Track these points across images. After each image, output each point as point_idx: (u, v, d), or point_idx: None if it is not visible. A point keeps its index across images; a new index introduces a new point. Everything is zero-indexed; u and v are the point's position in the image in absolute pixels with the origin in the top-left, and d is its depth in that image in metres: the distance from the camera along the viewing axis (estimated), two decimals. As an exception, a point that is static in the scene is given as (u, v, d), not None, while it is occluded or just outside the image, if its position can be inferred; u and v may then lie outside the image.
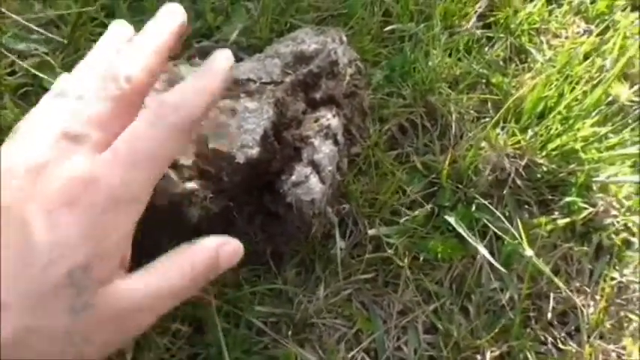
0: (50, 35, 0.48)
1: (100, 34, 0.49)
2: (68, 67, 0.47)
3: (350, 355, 0.43)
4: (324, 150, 0.41)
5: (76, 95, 0.28)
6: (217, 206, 0.38)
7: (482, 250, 0.46)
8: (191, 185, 0.37)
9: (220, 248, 0.31)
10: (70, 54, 0.48)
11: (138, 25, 0.50)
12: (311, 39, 0.46)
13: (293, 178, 0.39)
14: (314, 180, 0.40)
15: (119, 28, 0.33)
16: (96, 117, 0.27)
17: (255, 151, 0.38)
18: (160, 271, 0.28)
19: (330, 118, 0.42)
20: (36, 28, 0.47)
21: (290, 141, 0.41)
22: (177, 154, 0.31)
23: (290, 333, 0.43)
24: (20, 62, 0.46)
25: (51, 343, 0.24)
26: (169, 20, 0.31)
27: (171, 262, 0.29)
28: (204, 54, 0.46)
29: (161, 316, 0.29)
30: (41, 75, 0.46)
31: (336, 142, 0.42)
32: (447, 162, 0.48)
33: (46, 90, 0.46)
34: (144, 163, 0.27)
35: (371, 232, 0.46)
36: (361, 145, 0.47)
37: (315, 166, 0.40)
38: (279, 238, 0.41)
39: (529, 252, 0.45)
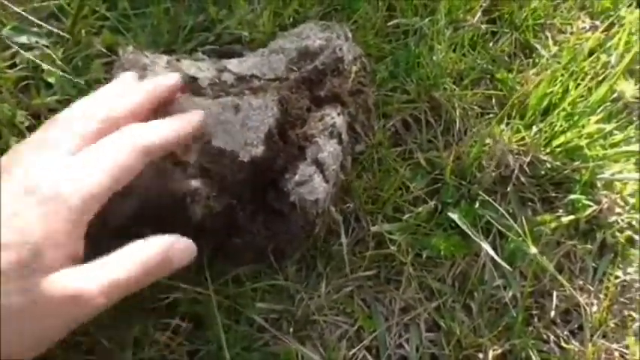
0: (51, 28, 0.47)
1: (101, 27, 0.50)
2: (69, 60, 0.47)
3: (351, 353, 0.43)
4: (329, 149, 0.40)
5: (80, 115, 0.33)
6: (220, 204, 0.38)
7: (486, 247, 0.45)
8: (195, 183, 0.36)
9: (172, 246, 0.32)
10: (71, 47, 0.48)
11: (140, 18, 0.51)
12: (316, 35, 0.46)
13: (297, 177, 0.39)
14: (318, 179, 0.39)
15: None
16: (82, 131, 0.32)
17: (259, 150, 0.38)
18: (113, 264, 0.30)
19: (334, 117, 0.42)
20: (37, 21, 0.47)
21: (294, 140, 0.40)
22: (135, 173, 0.32)
23: (291, 330, 0.43)
24: (23, 53, 0.45)
25: (5, 322, 0.26)
26: (163, 81, 0.37)
27: (123, 257, 0.31)
28: (214, 52, 0.46)
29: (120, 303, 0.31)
30: (43, 67, 0.45)
31: (340, 141, 0.41)
32: (451, 158, 0.48)
33: (46, 83, 0.46)
34: (106, 169, 0.30)
35: (373, 228, 0.46)
36: (365, 143, 0.47)
37: (319, 165, 0.40)
38: (282, 237, 0.41)
39: (533, 249, 0.44)
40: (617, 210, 0.51)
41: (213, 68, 0.43)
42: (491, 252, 0.45)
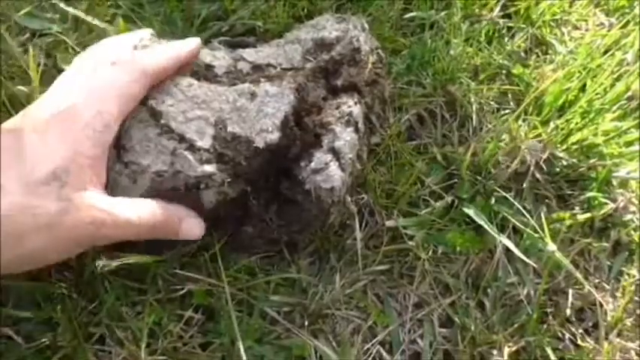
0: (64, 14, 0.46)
1: (115, 15, 0.49)
2: (82, 47, 0.46)
3: (365, 348, 0.43)
4: (345, 137, 0.40)
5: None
6: (235, 191, 0.37)
7: (506, 241, 0.45)
8: (209, 168, 0.36)
9: (185, 218, 0.36)
10: (84, 34, 0.47)
11: (154, 7, 0.50)
12: (332, 26, 0.45)
13: (312, 164, 0.38)
14: (334, 167, 0.39)
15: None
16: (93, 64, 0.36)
17: (275, 136, 0.37)
18: (130, 205, 0.34)
19: (351, 105, 0.41)
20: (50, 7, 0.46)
21: (310, 127, 0.40)
22: (141, 95, 0.36)
23: (305, 323, 0.43)
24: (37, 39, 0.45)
25: (38, 220, 0.30)
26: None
27: (141, 204, 0.35)
28: (227, 43, 0.46)
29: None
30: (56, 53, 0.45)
31: (357, 130, 0.41)
32: (468, 154, 0.47)
33: (59, 69, 0.46)
34: (114, 98, 0.34)
35: (388, 223, 0.46)
36: (381, 135, 0.46)
37: (336, 154, 0.39)
38: (295, 226, 0.41)
39: (552, 246, 0.44)
40: (632, 209, 0.51)
41: (229, 57, 0.42)
42: (512, 246, 0.45)
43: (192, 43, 0.40)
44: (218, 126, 0.37)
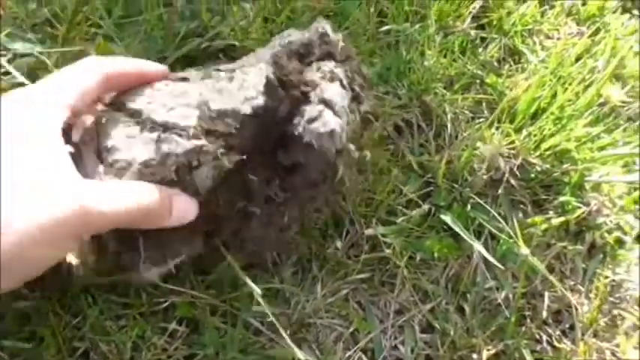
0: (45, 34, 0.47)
1: (95, 34, 0.50)
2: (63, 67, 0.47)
3: (347, 355, 0.44)
4: (333, 90, 0.38)
5: None
6: (230, 161, 0.36)
7: (479, 248, 0.46)
8: (198, 142, 0.35)
9: (176, 200, 0.35)
10: (65, 54, 0.48)
11: (134, 25, 0.51)
12: (297, 33, 0.46)
13: (306, 117, 0.37)
14: (329, 114, 0.37)
15: None
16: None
17: (260, 100, 0.37)
18: (119, 189, 0.33)
19: (332, 67, 0.40)
20: (32, 28, 0.47)
21: (296, 83, 0.39)
22: (98, 92, 0.36)
23: (287, 333, 0.43)
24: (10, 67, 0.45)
25: (30, 230, 0.28)
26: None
27: (129, 185, 0.33)
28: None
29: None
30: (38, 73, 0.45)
31: (342, 86, 0.40)
32: (443, 162, 0.48)
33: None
34: (68, 91, 0.34)
35: (368, 231, 0.47)
36: (369, 102, 0.45)
37: (327, 103, 0.38)
38: (305, 192, 0.39)
39: (525, 250, 0.45)
40: (606, 212, 0.52)
41: (202, 71, 0.43)
42: (485, 253, 0.46)
43: (160, 65, 0.40)
44: (202, 107, 0.36)
